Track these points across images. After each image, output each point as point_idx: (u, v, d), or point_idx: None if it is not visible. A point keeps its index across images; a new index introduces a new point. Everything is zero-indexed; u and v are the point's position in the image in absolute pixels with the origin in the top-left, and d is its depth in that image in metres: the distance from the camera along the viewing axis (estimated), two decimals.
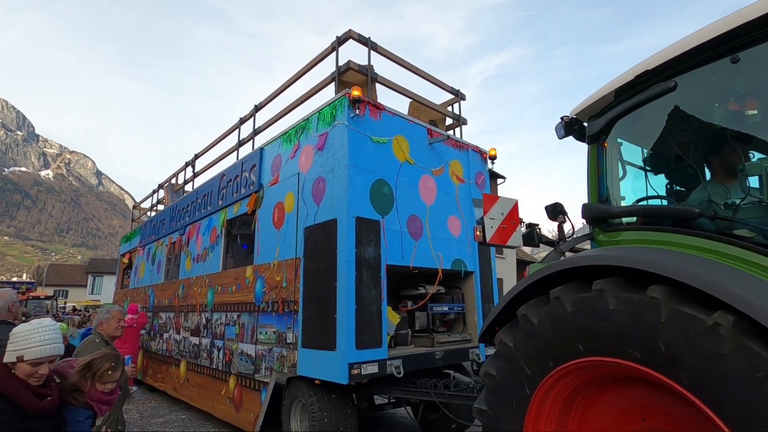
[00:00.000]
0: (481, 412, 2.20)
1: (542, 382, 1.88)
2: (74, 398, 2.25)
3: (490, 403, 2.15)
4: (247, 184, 5.89)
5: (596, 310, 1.63)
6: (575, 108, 2.51)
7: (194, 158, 8.74)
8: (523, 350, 1.94)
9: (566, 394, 1.91)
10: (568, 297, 1.73)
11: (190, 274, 7.06)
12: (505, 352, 2.04)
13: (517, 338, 1.98)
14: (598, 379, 1.82)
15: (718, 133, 1.95)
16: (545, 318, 1.83)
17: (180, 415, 7.00)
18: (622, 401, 1.83)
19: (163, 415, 7.00)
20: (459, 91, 6.35)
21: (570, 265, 1.81)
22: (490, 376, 2.14)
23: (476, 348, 5.15)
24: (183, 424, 6.52)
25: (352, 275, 3.95)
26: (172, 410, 7.25)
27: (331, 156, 4.35)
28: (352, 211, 4.09)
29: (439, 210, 5.15)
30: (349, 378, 3.73)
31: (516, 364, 1.99)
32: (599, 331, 1.66)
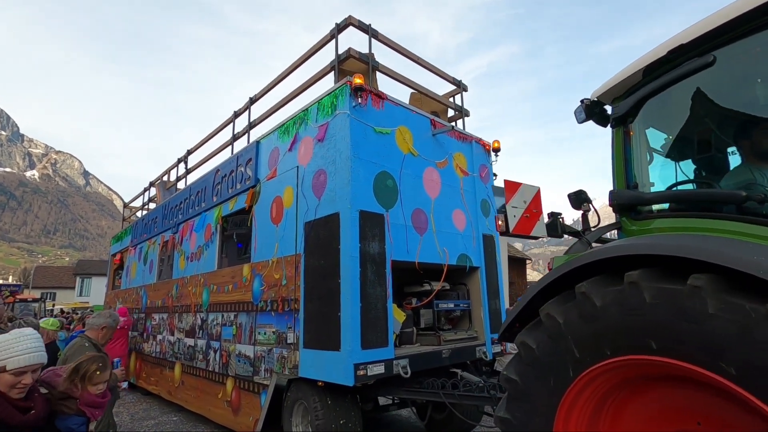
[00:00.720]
0: (503, 420, 2.07)
1: (571, 385, 1.75)
2: (66, 406, 2.20)
3: (513, 410, 2.01)
4: (242, 179, 5.72)
5: (630, 304, 1.51)
6: (597, 90, 2.39)
7: (187, 154, 8.54)
8: (548, 353, 1.82)
9: (598, 396, 1.79)
10: (597, 291, 1.60)
11: (184, 273, 6.88)
12: (527, 355, 1.91)
13: (540, 340, 1.85)
14: (633, 379, 1.70)
15: (762, 111, 1.83)
16: (572, 316, 1.71)
17: (172, 417, 6.94)
18: (663, 403, 1.71)
19: (154, 417, 6.94)
20: (461, 81, 6.22)
21: (606, 255, 1.68)
22: (512, 381, 2.00)
23: (483, 346, 5.04)
24: (175, 426, 6.47)
25: (356, 271, 3.81)
26: (164, 412, 7.19)
27: (333, 147, 4.20)
28: (356, 205, 3.95)
29: (444, 203, 5.02)
30: (354, 379, 3.59)
31: (540, 367, 1.87)
32: (634, 327, 1.53)
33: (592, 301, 1.60)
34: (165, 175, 9.58)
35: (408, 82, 5.28)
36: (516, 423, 1.99)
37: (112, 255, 11.33)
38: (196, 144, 8.25)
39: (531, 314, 2.11)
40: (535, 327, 1.96)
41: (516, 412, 2.00)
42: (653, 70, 2.06)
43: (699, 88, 1.97)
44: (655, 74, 2.06)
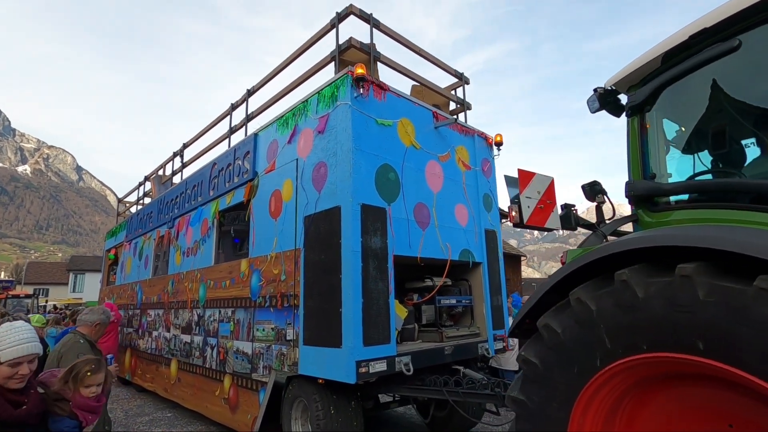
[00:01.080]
0: (516, 401, 2.01)
1: (596, 376, 1.69)
2: (59, 408, 2.18)
3: (530, 393, 1.96)
4: (240, 173, 5.62)
5: (680, 299, 1.42)
6: (612, 78, 2.31)
7: (182, 148, 8.41)
8: (575, 338, 1.75)
9: (620, 390, 1.73)
10: (640, 281, 1.52)
11: (180, 268, 6.77)
12: (550, 339, 1.84)
13: (567, 324, 1.78)
14: (661, 376, 1.64)
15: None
16: (607, 304, 1.63)
17: (166, 413, 6.92)
18: (686, 402, 1.65)
19: (148, 414, 6.92)
20: (463, 74, 6.14)
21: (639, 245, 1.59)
22: (531, 363, 1.94)
23: (485, 342, 4.98)
24: (169, 422, 6.45)
25: (358, 266, 3.74)
26: (158, 408, 7.17)
27: (333, 139, 4.11)
28: (357, 198, 3.87)
29: (446, 198, 4.95)
30: (356, 377, 3.53)
31: (564, 353, 1.80)
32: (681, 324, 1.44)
33: (634, 290, 1.52)
34: (160, 169, 9.45)
35: (410, 73, 5.20)
36: (531, 406, 1.94)
37: (106, 250, 11.19)
38: (192, 137, 8.12)
39: (544, 307, 2.04)
40: (561, 310, 1.89)
41: (532, 395, 1.94)
42: (673, 56, 1.99)
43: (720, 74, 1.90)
44: (675, 60, 1.98)
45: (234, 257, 5.95)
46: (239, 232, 6.38)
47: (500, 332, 5.28)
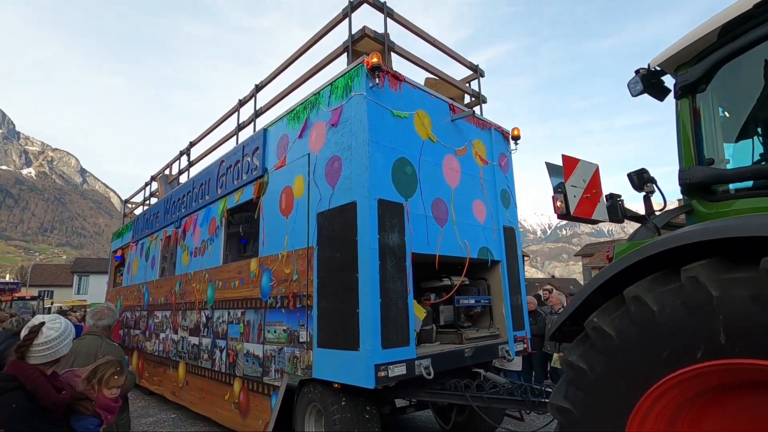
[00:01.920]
0: (561, 410, 1.86)
1: (659, 383, 1.53)
2: (84, 407, 2.28)
3: (576, 400, 1.80)
4: (249, 170, 5.50)
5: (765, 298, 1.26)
6: (658, 57, 2.15)
7: (189, 146, 8.32)
8: (633, 342, 1.59)
9: (683, 399, 1.57)
10: (714, 278, 1.37)
11: (188, 269, 6.66)
12: (602, 342, 1.69)
13: (623, 326, 1.62)
14: (735, 385, 1.48)
15: None
16: (672, 304, 1.47)
17: (170, 414, 6.92)
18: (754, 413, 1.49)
19: (153, 415, 6.93)
20: (478, 66, 5.98)
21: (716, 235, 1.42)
22: (579, 368, 1.78)
23: (505, 344, 4.82)
24: (173, 423, 6.39)
25: (375, 265, 3.59)
26: (162, 410, 7.18)
27: (348, 132, 3.97)
28: (374, 193, 3.73)
29: (464, 193, 4.79)
30: (375, 381, 3.38)
31: (619, 358, 1.64)
32: None
33: (707, 289, 1.37)
34: (167, 169, 9.37)
35: (425, 65, 5.05)
36: (578, 414, 1.78)
37: (113, 251, 11.14)
38: (198, 135, 8.02)
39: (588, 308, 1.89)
40: (611, 310, 1.73)
41: (579, 403, 1.78)
42: (732, 29, 1.83)
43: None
44: (735, 34, 1.82)
45: (239, 258, 5.83)
46: (247, 233, 6.27)
47: (521, 333, 5.12)
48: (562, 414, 1.86)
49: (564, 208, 1.92)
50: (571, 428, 1.83)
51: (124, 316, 9.38)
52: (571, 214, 1.91)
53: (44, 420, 2.01)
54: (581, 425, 1.79)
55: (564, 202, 1.93)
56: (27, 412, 1.94)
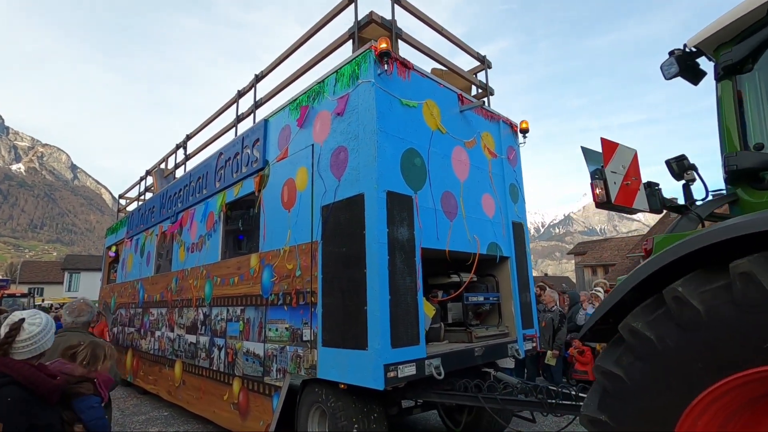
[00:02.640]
0: (596, 422, 1.74)
1: (707, 391, 1.41)
2: (84, 387, 2.41)
3: (612, 411, 1.68)
4: (249, 162, 5.35)
5: None
6: (696, 36, 2.03)
7: (186, 139, 8.14)
8: (677, 346, 1.48)
9: (733, 408, 1.45)
10: None
11: (184, 265, 6.51)
12: (641, 347, 1.57)
13: (664, 329, 1.51)
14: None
15: None
16: (721, 303, 1.36)
17: (162, 412, 6.90)
18: None
19: (145, 413, 6.91)
20: (485, 57, 5.85)
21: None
22: (613, 376, 1.67)
23: (515, 343, 4.72)
24: (165, 421, 6.38)
25: (384, 260, 3.46)
26: (155, 407, 7.17)
27: (355, 120, 3.83)
28: (383, 184, 3.59)
29: (473, 187, 4.68)
30: (385, 382, 3.26)
31: (661, 363, 1.53)
32: None
33: (761, 285, 1.25)
34: (162, 163, 9.18)
35: (433, 54, 4.91)
36: (614, 426, 1.67)
37: (106, 248, 10.96)
38: (195, 128, 7.85)
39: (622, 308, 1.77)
40: (650, 311, 1.61)
41: (616, 413, 1.67)
42: None
43: None
44: None
45: (236, 255, 5.68)
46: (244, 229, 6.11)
47: (530, 331, 5.01)
48: (596, 426, 1.74)
49: (604, 196, 1.80)
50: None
51: (119, 313, 9.21)
52: (612, 202, 1.79)
53: (43, 409, 2.09)
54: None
55: (604, 189, 1.81)
56: (24, 404, 2.00)
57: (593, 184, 1.82)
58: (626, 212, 1.98)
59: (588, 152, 1.93)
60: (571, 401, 3.15)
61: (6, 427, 1.89)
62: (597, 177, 1.82)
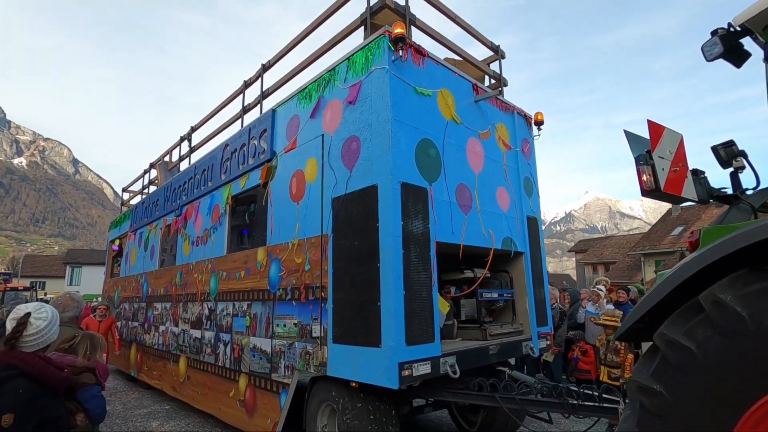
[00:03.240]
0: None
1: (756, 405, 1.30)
2: (86, 378, 2.51)
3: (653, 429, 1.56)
4: (256, 153, 5.24)
5: None
6: (744, 14, 1.89)
7: (191, 131, 8.03)
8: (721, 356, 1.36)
9: None
10: None
11: (189, 259, 6.42)
12: (680, 358, 1.46)
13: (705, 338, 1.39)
14: None
15: None
16: None
17: (164, 405, 6.92)
18: None
19: (146, 406, 6.94)
20: (499, 47, 5.71)
21: None
22: (651, 391, 1.54)
23: (529, 341, 4.61)
24: (167, 415, 6.39)
25: (399, 254, 3.35)
26: (156, 401, 7.19)
27: (368, 109, 3.71)
28: (397, 175, 3.48)
29: (488, 179, 4.55)
30: (399, 381, 3.15)
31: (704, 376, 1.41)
32: None
33: None
34: (167, 156, 9.09)
35: (447, 42, 4.78)
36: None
37: (110, 241, 10.91)
38: (200, 120, 7.74)
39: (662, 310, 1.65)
40: (688, 317, 1.50)
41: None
42: None
43: None
44: None
45: (241, 249, 5.56)
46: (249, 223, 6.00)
47: (545, 329, 4.91)
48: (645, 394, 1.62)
49: (652, 183, 1.67)
50: None
51: (122, 307, 9.16)
52: (661, 189, 1.67)
53: (51, 399, 2.14)
54: None
55: (652, 175, 1.68)
56: (33, 396, 2.04)
57: (640, 170, 1.70)
58: (674, 201, 1.87)
59: (631, 136, 1.81)
60: (595, 402, 3.05)
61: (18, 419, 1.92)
62: (643, 162, 1.70)
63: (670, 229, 29.83)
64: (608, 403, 3.00)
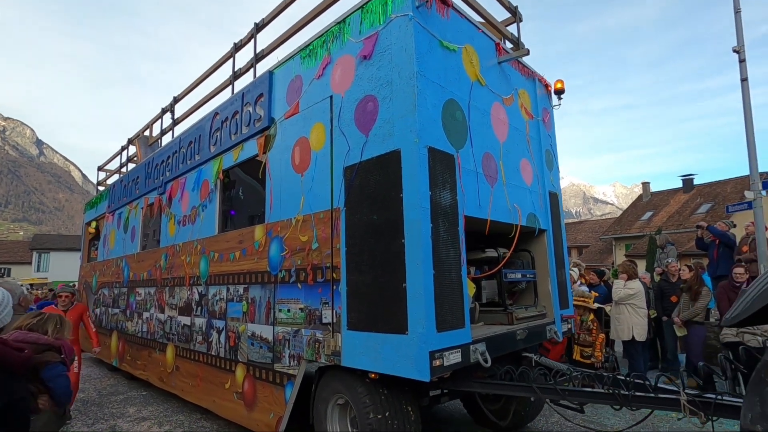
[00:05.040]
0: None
1: None
2: (51, 356, 2.44)
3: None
4: (251, 121, 4.78)
5: None
6: None
7: (173, 102, 7.46)
8: None
9: None
10: None
11: (175, 240, 5.97)
12: None
13: None
14: None
15: None
16: None
17: (141, 392, 6.75)
18: None
19: (122, 392, 6.80)
20: (517, 8, 5.32)
21: None
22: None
23: (552, 324, 4.36)
24: (144, 400, 6.28)
25: (427, 228, 3.00)
26: (132, 387, 7.06)
27: (387, 64, 3.31)
28: (424, 139, 3.11)
29: (512, 150, 4.23)
30: (431, 372, 2.84)
31: None
32: None
33: None
34: (146, 130, 8.48)
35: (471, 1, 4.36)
36: None
37: (86, 223, 10.29)
38: (184, 89, 7.18)
39: None
40: None
41: None
42: None
43: None
44: None
45: (232, 229, 5.13)
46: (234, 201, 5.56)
47: (567, 312, 4.67)
48: None
49: None
50: None
51: (101, 293, 8.64)
52: None
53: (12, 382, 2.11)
54: None
55: None
56: None
57: None
58: None
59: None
60: (647, 392, 2.79)
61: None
62: None
63: (640, 214, 30.37)
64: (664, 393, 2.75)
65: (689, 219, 25.19)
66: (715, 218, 16.25)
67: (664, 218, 27.69)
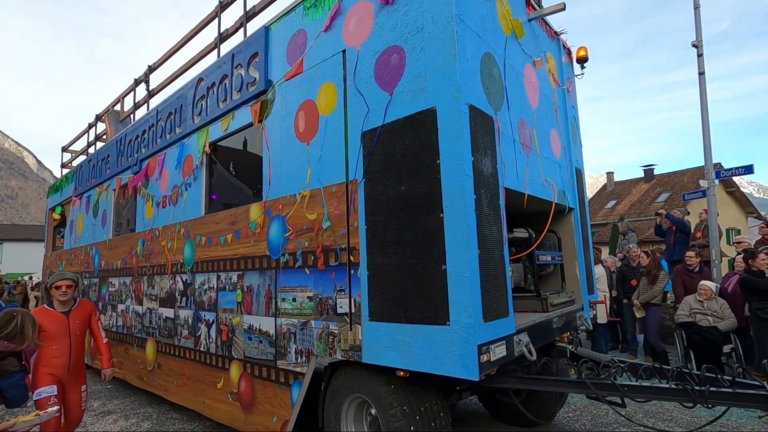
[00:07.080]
0: None
1: None
2: (9, 364, 2.37)
3: None
4: (243, 86, 4.16)
5: None
6: None
7: (148, 71, 6.68)
8: None
9: None
10: None
11: (154, 224, 5.29)
12: None
13: None
14: None
15: None
16: None
17: (106, 385, 6.37)
18: None
19: None
20: None
21: None
22: None
23: (581, 311, 3.96)
24: (109, 394, 6.00)
25: (471, 200, 2.50)
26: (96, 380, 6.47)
27: (417, 7, 2.77)
28: (466, 95, 2.59)
29: (543, 118, 3.77)
30: (479, 369, 2.36)
31: None
32: None
33: None
34: (117, 104, 7.66)
35: None
36: None
37: (49, 209, 9.36)
38: (160, 57, 6.43)
39: None
40: None
41: None
42: None
43: None
44: None
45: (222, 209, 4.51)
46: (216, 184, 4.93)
47: (594, 297, 4.28)
48: None
49: None
50: None
51: None
52: None
53: None
54: None
55: None
56: None
57: None
58: None
59: None
60: (726, 388, 2.40)
61: None
62: None
63: (604, 202, 30.93)
64: (743, 389, 2.36)
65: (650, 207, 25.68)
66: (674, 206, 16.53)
67: (627, 207, 28.21)
